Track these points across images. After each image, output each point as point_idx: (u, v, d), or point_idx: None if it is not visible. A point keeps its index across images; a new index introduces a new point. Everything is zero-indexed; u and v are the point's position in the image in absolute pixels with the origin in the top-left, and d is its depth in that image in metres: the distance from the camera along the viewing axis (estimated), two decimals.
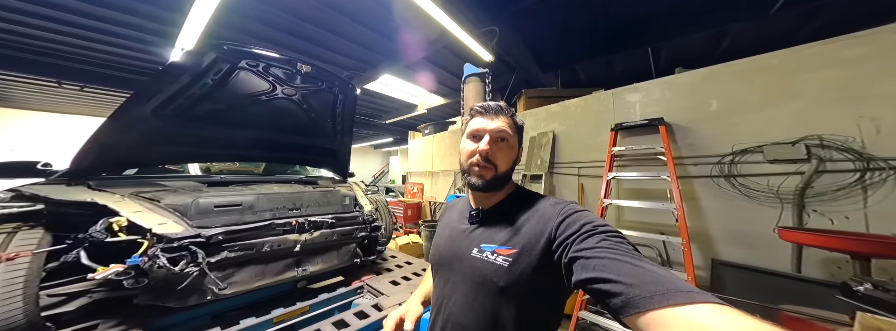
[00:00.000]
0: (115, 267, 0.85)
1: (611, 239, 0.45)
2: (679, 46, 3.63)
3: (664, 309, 0.32)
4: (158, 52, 3.57)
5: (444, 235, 0.70)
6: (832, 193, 1.70)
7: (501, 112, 0.63)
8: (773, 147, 1.87)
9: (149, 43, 3.39)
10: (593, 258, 0.42)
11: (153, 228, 0.92)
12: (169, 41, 3.22)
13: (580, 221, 0.50)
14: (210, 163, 2.22)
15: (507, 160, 0.61)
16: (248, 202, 1.22)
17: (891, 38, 1.59)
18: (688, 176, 2.18)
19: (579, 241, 0.46)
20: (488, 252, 0.56)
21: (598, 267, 0.41)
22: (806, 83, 1.80)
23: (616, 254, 0.41)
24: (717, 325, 0.29)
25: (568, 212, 0.53)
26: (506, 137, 0.61)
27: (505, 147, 0.61)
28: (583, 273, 0.42)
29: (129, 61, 3.85)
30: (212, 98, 1.46)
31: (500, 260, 0.54)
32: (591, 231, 0.47)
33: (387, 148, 13.70)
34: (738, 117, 2.02)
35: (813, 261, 1.72)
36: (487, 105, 0.64)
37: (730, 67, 2.09)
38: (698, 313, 0.31)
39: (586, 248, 0.44)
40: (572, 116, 3.00)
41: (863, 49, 1.66)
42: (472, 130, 0.63)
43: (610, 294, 0.38)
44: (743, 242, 1.97)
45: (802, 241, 1.53)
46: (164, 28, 3.05)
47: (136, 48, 3.51)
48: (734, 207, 2.00)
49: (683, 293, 0.33)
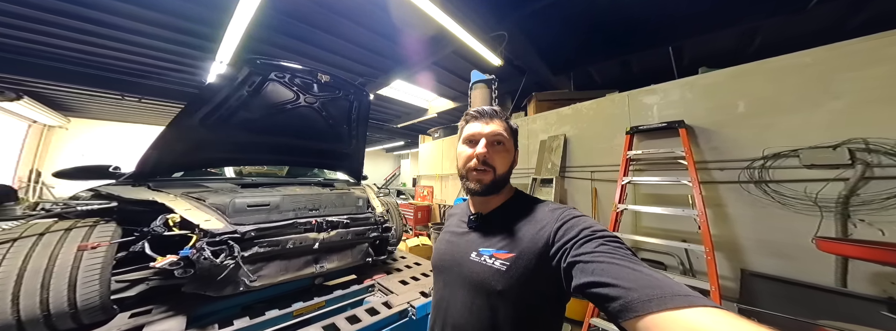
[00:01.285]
0: (171, 257, 0.99)
1: (609, 244, 0.45)
2: (704, 44, 3.41)
3: (662, 313, 0.32)
4: (202, 65, 3.98)
5: (444, 240, 0.71)
6: (882, 201, 1.54)
7: (496, 116, 0.63)
8: (811, 151, 1.73)
9: (194, 57, 3.78)
10: (592, 263, 0.42)
11: (200, 224, 1.05)
12: (210, 55, 3.57)
13: (578, 227, 0.50)
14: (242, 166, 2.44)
15: (504, 163, 0.62)
16: (275, 202, 1.34)
17: None
18: (712, 181, 2.06)
19: (578, 246, 0.46)
20: (486, 256, 0.57)
21: (597, 271, 0.41)
22: (847, 82, 1.67)
23: (614, 258, 0.42)
24: (715, 328, 0.29)
25: (566, 217, 0.53)
26: (502, 140, 0.61)
27: (501, 150, 0.61)
28: (581, 278, 0.42)
29: (177, 75, 4.31)
30: (247, 107, 1.62)
31: (498, 264, 0.54)
32: (590, 236, 0.47)
33: (398, 151, 13.95)
34: (769, 120, 1.89)
35: (860, 275, 1.56)
36: (482, 109, 0.64)
37: (759, 67, 1.97)
38: (697, 316, 0.31)
39: (585, 252, 0.45)
40: (584, 119, 2.94)
41: None
42: (468, 134, 0.63)
43: (608, 298, 0.38)
44: (777, 252, 1.83)
45: (843, 252, 1.41)
46: (206, 43, 3.40)
47: (184, 63, 3.93)
48: (766, 215, 1.87)
49: (682, 297, 0.33)
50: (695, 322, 0.30)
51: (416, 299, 1.19)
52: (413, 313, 1.13)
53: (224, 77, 1.47)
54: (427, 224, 4.86)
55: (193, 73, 4.28)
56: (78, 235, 0.98)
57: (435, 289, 0.69)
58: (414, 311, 1.13)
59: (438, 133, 5.69)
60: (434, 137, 5.84)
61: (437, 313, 0.64)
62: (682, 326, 0.31)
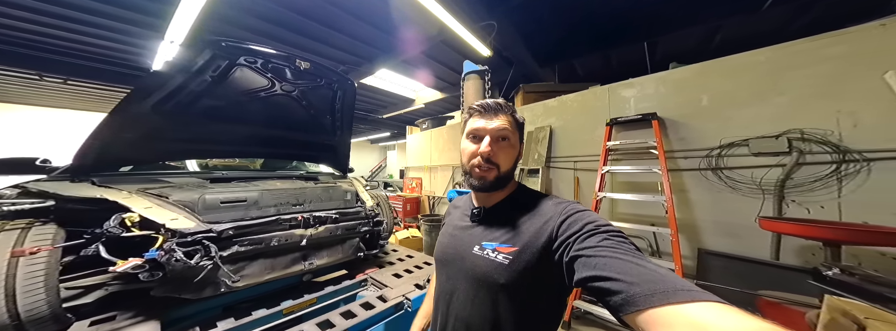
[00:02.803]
0: (134, 260, 0.88)
1: (613, 239, 0.45)
2: (673, 41, 3.66)
3: (665, 307, 0.32)
4: (145, 44, 3.47)
5: (446, 233, 0.71)
6: (809, 184, 1.80)
7: (501, 110, 0.62)
8: (758, 141, 1.95)
9: (134, 35, 3.29)
10: (595, 257, 0.42)
11: (166, 224, 0.95)
12: (157, 34, 3.12)
13: (582, 221, 0.50)
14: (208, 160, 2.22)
15: (508, 160, 0.61)
16: (253, 198, 1.25)
17: (869, 36, 1.66)
18: (678, 169, 2.27)
19: (581, 240, 0.47)
20: (489, 250, 0.57)
21: (599, 266, 0.41)
22: (791, 80, 1.88)
23: (617, 253, 0.42)
24: (718, 323, 0.29)
25: (570, 211, 0.53)
26: (507, 135, 0.60)
27: (506, 146, 0.61)
28: (584, 272, 0.42)
29: (114, 54, 3.73)
30: (211, 94, 1.46)
31: (501, 258, 0.54)
32: (593, 231, 0.47)
33: (384, 143, 13.61)
34: (728, 112, 2.09)
35: (790, 249, 1.83)
36: (486, 104, 0.63)
37: (721, 64, 2.15)
38: (700, 311, 0.31)
39: (588, 247, 0.45)
40: (569, 111, 3.05)
41: (844, 47, 1.73)
42: (472, 129, 0.62)
43: (610, 292, 0.38)
44: (727, 232, 2.08)
45: (781, 230, 1.63)
46: (151, 19, 2.96)
47: (122, 41, 3.40)
48: (720, 199, 2.10)
49: (685, 292, 0.33)
50: (697, 317, 0.30)
51: (411, 291, 1.19)
52: (408, 305, 1.13)
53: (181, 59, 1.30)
54: (417, 216, 4.82)
55: (135, 54, 3.74)
56: (8, 240, 0.84)
57: (437, 282, 0.69)
58: (409, 303, 1.13)
59: (426, 124, 5.57)
60: (422, 128, 5.71)
61: (440, 306, 0.65)
62: (685, 320, 0.31)
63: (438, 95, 5.39)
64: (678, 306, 0.32)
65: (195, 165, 2.10)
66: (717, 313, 0.30)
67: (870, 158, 1.63)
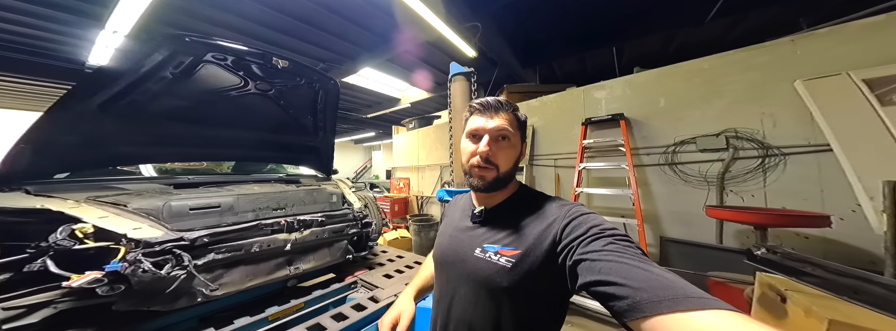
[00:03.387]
0: (93, 274, 0.80)
1: (618, 243, 0.44)
2: (637, 47, 4.00)
3: (673, 314, 0.31)
4: (80, 34, 3.06)
5: (446, 234, 0.69)
6: (743, 175, 2.09)
7: (501, 108, 0.59)
8: (703, 139, 2.22)
9: (67, 23, 2.88)
10: (599, 261, 0.41)
11: (128, 234, 0.88)
12: (96, 22, 2.77)
13: (587, 224, 0.49)
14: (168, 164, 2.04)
15: (509, 160, 0.59)
16: (228, 203, 1.18)
17: (784, 49, 1.97)
18: (642, 165, 2.51)
19: (585, 244, 0.45)
20: (491, 253, 0.55)
21: (604, 270, 0.40)
22: (728, 85, 2.16)
23: (623, 257, 0.40)
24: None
25: (574, 214, 0.52)
26: (507, 135, 0.58)
27: (506, 146, 0.59)
28: (588, 276, 0.41)
29: (41, 44, 3.25)
30: (173, 93, 1.35)
31: (503, 261, 0.53)
32: (598, 234, 0.46)
33: (369, 143, 13.22)
34: (680, 113, 2.36)
35: (731, 233, 2.11)
36: (486, 102, 0.60)
37: (674, 69, 2.41)
38: (711, 319, 0.30)
39: (592, 251, 0.43)
40: (549, 111, 3.23)
41: (765, 57, 2.03)
42: (471, 129, 0.60)
43: (615, 297, 0.37)
44: (682, 220, 2.34)
45: (722, 216, 1.88)
46: (88, 6, 2.63)
47: (51, 29, 2.97)
48: (675, 191, 2.36)
49: (695, 299, 0.32)
50: (705, 325, 0.29)
51: (403, 291, 1.20)
52: None
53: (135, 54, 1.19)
54: (405, 217, 4.74)
55: (68, 44, 3.29)
56: None
57: (437, 284, 0.68)
58: None
59: (413, 124, 5.50)
60: (409, 127, 5.63)
61: (440, 308, 0.63)
62: (692, 329, 0.30)
63: (425, 94, 5.35)
64: (687, 314, 0.31)
65: (152, 171, 1.92)
66: (728, 322, 0.29)
67: (786, 153, 1.93)
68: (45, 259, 0.83)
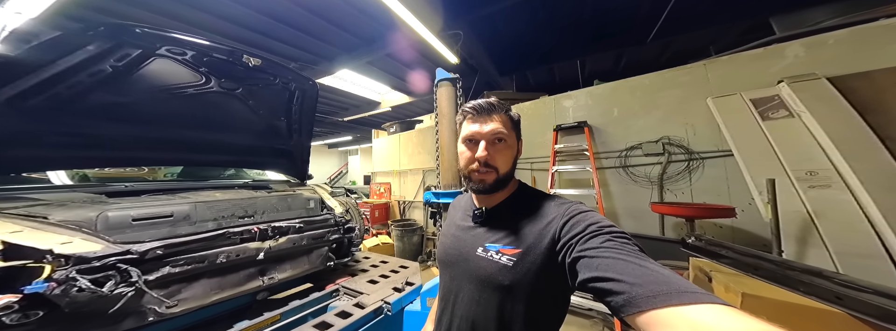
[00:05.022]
0: (7, 298, 0.65)
1: (616, 240, 0.45)
2: (595, 62, 4.53)
3: (667, 308, 0.32)
4: None
5: (448, 234, 0.70)
6: (676, 176, 2.46)
7: (494, 110, 0.60)
8: (647, 144, 2.58)
9: None
10: (597, 258, 0.42)
11: (54, 249, 0.73)
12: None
13: (585, 222, 0.50)
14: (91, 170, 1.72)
15: (507, 161, 0.60)
16: (182, 212, 1.04)
17: (699, 71, 2.41)
18: (602, 168, 2.81)
19: (584, 241, 0.46)
20: (493, 252, 0.56)
21: (602, 267, 0.41)
22: (662, 98, 2.55)
23: (621, 254, 0.41)
24: (722, 325, 0.28)
25: (573, 212, 0.53)
26: (502, 137, 0.59)
27: (503, 148, 0.60)
28: (586, 273, 0.42)
29: None
30: (111, 88, 1.17)
31: (505, 260, 0.54)
32: (597, 232, 0.47)
33: (345, 147, 12.54)
34: (629, 122, 2.72)
35: (670, 226, 2.44)
36: (479, 105, 0.61)
37: (624, 83, 2.78)
38: (703, 313, 0.30)
39: (591, 248, 0.44)
40: (525, 117, 3.43)
41: (688, 77, 2.46)
42: (467, 134, 0.61)
43: (612, 293, 0.37)
44: (633, 216, 2.65)
45: (663, 211, 2.19)
46: None
47: None
48: (628, 190, 2.68)
49: (689, 294, 0.33)
50: (701, 319, 0.30)
51: (389, 295, 1.15)
52: (389, 309, 1.10)
53: (64, 43, 1.03)
54: (386, 222, 4.55)
55: None
56: None
57: (441, 282, 0.69)
58: (389, 307, 1.10)
59: (395, 127, 5.33)
60: (390, 131, 5.45)
61: (445, 306, 0.64)
62: (685, 322, 0.30)
63: (406, 98, 5.26)
64: (680, 308, 0.32)
65: (65, 178, 1.61)
66: (722, 316, 0.30)
67: (704, 157, 2.33)
68: None
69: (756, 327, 0.27)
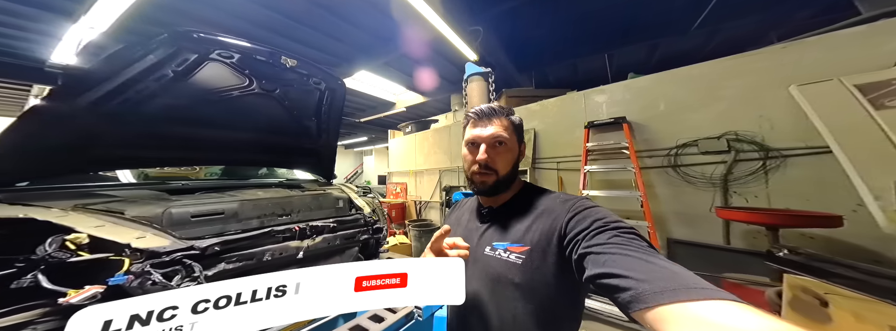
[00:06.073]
0: (94, 289, 0.70)
1: (623, 235, 0.44)
2: (624, 56, 4.22)
3: (675, 304, 0.31)
4: (45, 29, 2.84)
5: (455, 234, 0.70)
6: (745, 177, 2.14)
7: (494, 115, 0.63)
8: (705, 141, 2.28)
9: (30, 17, 2.67)
10: (604, 254, 0.42)
11: (132, 243, 0.79)
12: (67, 18, 2.60)
13: (591, 217, 0.50)
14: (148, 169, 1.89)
15: (507, 163, 0.62)
16: (232, 210, 1.09)
17: (774, 57, 2.07)
18: (645, 167, 2.54)
19: (590, 237, 0.46)
20: (501, 250, 0.57)
21: (609, 263, 0.40)
22: (726, 89, 2.24)
23: (628, 250, 0.41)
24: (731, 322, 0.27)
25: (578, 208, 0.54)
26: (503, 140, 0.61)
27: (503, 151, 0.62)
28: (593, 269, 0.42)
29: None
30: (170, 92, 1.25)
31: (513, 258, 0.55)
32: (603, 227, 0.47)
33: (360, 147, 13.01)
34: (680, 116, 2.42)
35: (736, 234, 2.13)
36: (480, 110, 0.64)
37: (672, 74, 2.48)
38: (712, 309, 0.30)
39: (597, 244, 0.44)
40: (550, 115, 3.25)
41: (761, 63, 2.12)
42: (469, 138, 0.64)
43: (619, 289, 0.37)
44: (686, 221, 2.36)
45: (734, 217, 1.90)
46: (58, 1, 2.46)
47: (7, 23, 2.73)
48: (679, 193, 2.39)
49: (698, 290, 0.32)
50: (709, 315, 0.29)
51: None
52: (419, 314, 1.06)
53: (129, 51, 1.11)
54: (403, 222, 4.61)
55: (27, 40, 3.03)
56: None
57: None
58: (420, 312, 1.07)
59: (411, 128, 5.39)
60: (405, 131, 5.52)
61: (455, 307, 0.64)
62: (693, 318, 0.30)
63: (420, 98, 5.32)
64: (689, 304, 0.31)
65: (130, 177, 1.78)
66: (731, 312, 0.29)
67: (786, 155, 1.99)
68: (36, 274, 0.73)
69: (767, 323, 0.26)
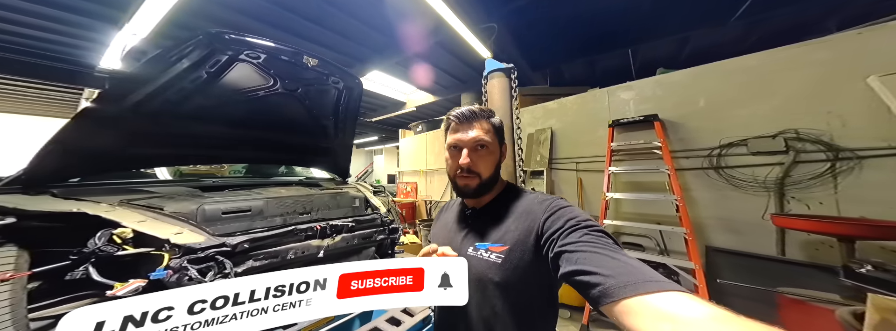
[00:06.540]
0: (137, 282, 0.74)
1: (593, 234, 0.48)
2: (649, 51, 3.92)
3: (636, 297, 0.35)
4: (95, 37, 3.11)
5: (440, 236, 0.73)
6: (807, 181, 1.88)
7: (475, 118, 0.64)
8: (756, 140, 2.04)
9: (81, 26, 2.92)
10: (576, 252, 0.46)
11: (171, 239, 0.83)
12: (112, 26, 2.82)
13: (564, 217, 0.53)
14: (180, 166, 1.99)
15: (488, 166, 0.64)
16: (258, 207, 1.12)
17: (846, 45, 1.80)
18: (681, 169, 2.32)
19: (564, 235, 0.50)
20: (483, 251, 0.60)
21: (581, 260, 0.44)
22: (781, 82, 1.99)
23: (596, 248, 0.45)
24: (680, 311, 0.32)
25: (553, 208, 0.56)
26: (484, 143, 0.63)
27: (485, 154, 0.64)
28: (567, 266, 0.45)
29: (51, 47, 3.29)
30: (203, 92, 1.31)
31: (494, 257, 0.57)
32: (575, 226, 0.50)
33: (370, 147, 13.31)
34: (724, 113, 2.18)
35: (793, 244, 1.89)
36: (461, 114, 0.65)
37: (715, 68, 2.25)
38: (665, 300, 0.34)
39: (570, 242, 0.48)
40: (569, 113, 3.09)
41: (827, 53, 1.86)
42: (451, 141, 0.65)
43: (590, 285, 0.40)
44: (730, 228, 2.13)
45: (794, 226, 1.67)
46: (106, 10, 2.67)
47: (64, 32, 2.99)
48: (723, 197, 2.16)
49: (653, 283, 0.36)
50: (663, 305, 0.34)
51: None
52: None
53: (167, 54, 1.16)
54: (414, 221, 4.65)
55: (80, 48, 3.32)
56: None
57: None
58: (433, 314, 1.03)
59: (421, 127, 5.44)
60: (416, 131, 5.58)
61: (443, 307, 0.66)
62: (651, 309, 0.34)
63: (430, 98, 5.32)
64: (647, 296, 0.35)
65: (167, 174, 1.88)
66: (681, 302, 0.33)
67: (861, 156, 1.73)
68: (87, 266, 0.77)
69: (711, 311, 0.31)
